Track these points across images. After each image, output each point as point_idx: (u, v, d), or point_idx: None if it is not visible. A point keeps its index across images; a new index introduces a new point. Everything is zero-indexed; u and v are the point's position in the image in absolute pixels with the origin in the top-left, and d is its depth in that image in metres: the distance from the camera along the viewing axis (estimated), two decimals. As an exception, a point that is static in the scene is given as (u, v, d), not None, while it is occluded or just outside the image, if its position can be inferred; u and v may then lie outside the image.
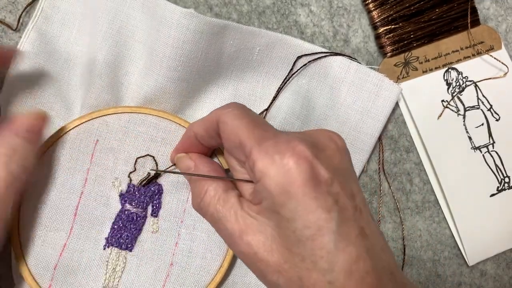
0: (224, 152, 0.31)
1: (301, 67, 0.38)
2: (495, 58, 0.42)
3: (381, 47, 0.41)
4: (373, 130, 0.39)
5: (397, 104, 0.42)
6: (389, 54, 0.41)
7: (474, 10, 0.42)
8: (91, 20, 0.35)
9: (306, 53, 0.37)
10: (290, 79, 0.38)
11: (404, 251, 0.42)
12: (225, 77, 0.37)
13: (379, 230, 0.26)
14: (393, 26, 0.40)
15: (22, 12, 0.35)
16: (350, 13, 0.40)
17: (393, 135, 0.42)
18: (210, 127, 0.29)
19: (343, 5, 0.40)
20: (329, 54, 0.38)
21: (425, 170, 0.42)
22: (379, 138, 0.41)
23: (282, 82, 0.38)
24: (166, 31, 0.33)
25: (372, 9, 0.40)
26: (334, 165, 0.25)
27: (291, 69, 0.37)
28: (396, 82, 0.41)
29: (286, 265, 0.24)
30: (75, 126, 0.33)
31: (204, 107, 0.37)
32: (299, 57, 0.37)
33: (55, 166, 0.33)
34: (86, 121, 0.33)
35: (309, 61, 0.38)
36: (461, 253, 0.43)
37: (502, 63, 0.42)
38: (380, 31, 0.40)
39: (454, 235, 0.42)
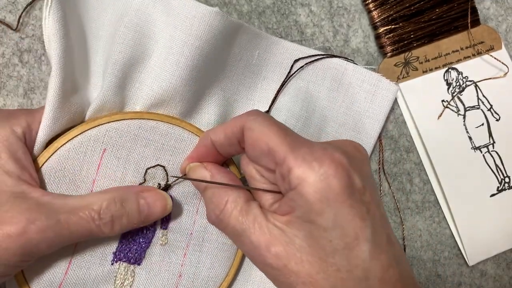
0: (242, 160, 0.30)
1: (298, 69, 0.38)
2: (495, 58, 0.42)
3: (381, 47, 0.41)
4: (372, 130, 0.39)
5: (397, 104, 0.42)
6: (389, 54, 0.41)
7: (474, 10, 0.42)
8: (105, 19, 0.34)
9: (303, 56, 0.37)
10: (288, 82, 0.38)
11: (404, 251, 0.42)
12: (227, 79, 0.36)
13: (396, 238, 0.27)
14: (393, 26, 0.40)
15: (22, 12, 0.35)
16: (350, 13, 0.40)
17: (393, 135, 0.42)
18: (232, 135, 0.28)
19: (343, 5, 0.40)
20: (326, 56, 0.38)
21: (425, 170, 0.42)
22: (379, 138, 0.41)
23: (281, 84, 0.37)
24: (186, 29, 0.32)
25: (372, 9, 0.40)
26: (364, 174, 0.26)
27: (289, 72, 0.37)
28: (396, 82, 0.41)
29: (319, 275, 0.24)
30: (80, 133, 0.30)
31: (210, 111, 0.35)
32: (296, 61, 0.37)
33: (58, 178, 0.30)
34: (92, 128, 0.31)
35: (306, 64, 0.38)
36: (461, 253, 0.43)
37: (502, 63, 0.42)
38: (380, 31, 0.40)
39: (454, 235, 0.42)
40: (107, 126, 0.31)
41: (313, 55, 0.38)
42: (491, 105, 0.42)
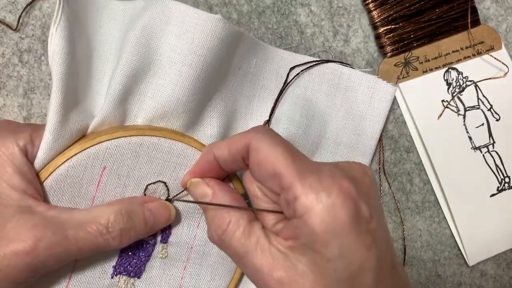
0: (245, 178, 0.29)
1: (294, 77, 0.38)
2: (495, 58, 0.42)
3: (381, 47, 0.41)
4: (372, 132, 0.39)
5: (397, 104, 0.42)
6: (389, 54, 0.41)
7: (474, 10, 0.42)
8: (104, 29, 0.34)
9: (298, 63, 0.37)
10: (286, 90, 0.38)
11: (405, 251, 0.42)
12: (228, 89, 0.36)
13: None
14: (393, 26, 0.40)
15: (22, 12, 0.35)
16: (350, 13, 0.40)
17: (393, 135, 0.42)
18: (236, 152, 0.27)
19: (343, 5, 0.40)
20: (321, 62, 0.38)
21: (425, 170, 0.42)
22: (379, 139, 0.41)
23: (279, 93, 0.37)
24: (188, 37, 0.31)
25: (372, 9, 0.40)
26: (371, 200, 0.25)
27: (286, 80, 0.37)
28: (396, 82, 0.41)
29: None
30: (79, 152, 0.30)
31: (213, 123, 0.34)
32: (291, 69, 0.37)
33: (57, 195, 0.30)
34: (91, 146, 0.30)
35: (302, 71, 0.38)
36: (461, 253, 0.43)
37: (502, 63, 0.42)
38: (380, 31, 0.40)
39: (454, 235, 0.42)
40: (107, 144, 0.30)
41: (308, 62, 0.38)
42: (491, 105, 0.42)
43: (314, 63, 0.38)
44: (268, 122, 0.37)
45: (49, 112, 0.29)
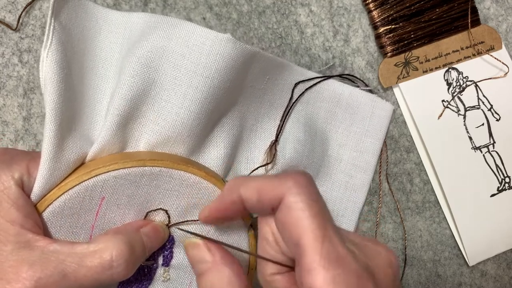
0: (261, 217, 0.26)
1: (300, 94, 0.37)
2: (495, 58, 0.42)
3: (381, 47, 0.41)
4: (374, 149, 0.39)
5: (397, 104, 0.42)
6: (389, 54, 0.41)
7: (474, 10, 0.41)
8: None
9: (302, 79, 0.37)
10: (293, 107, 0.37)
11: (405, 251, 0.42)
12: (235, 107, 0.34)
13: None
14: (393, 26, 0.40)
15: (22, 12, 0.35)
16: (350, 13, 0.40)
17: (394, 135, 0.42)
18: (267, 202, 0.24)
19: (343, 5, 0.40)
20: (325, 78, 0.38)
21: (425, 170, 0.42)
22: (384, 142, 0.41)
23: (284, 112, 0.36)
24: (194, 58, 0.29)
25: (373, 9, 0.40)
26: None
27: (291, 98, 0.37)
28: (396, 82, 0.41)
29: None
30: (76, 184, 0.28)
31: (219, 144, 0.33)
32: (296, 84, 0.37)
33: (55, 227, 0.28)
34: (89, 178, 0.28)
35: (307, 88, 0.37)
36: (461, 253, 0.42)
37: (503, 63, 0.42)
38: (381, 31, 0.40)
39: (455, 235, 0.42)
40: (104, 176, 0.28)
41: (312, 78, 0.37)
42: (492, 105, 0.42)
43: (319, 79, 0.38)
44: (275, 142, 0.36)
45: (44, 144, 0.28)
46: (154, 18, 0.31)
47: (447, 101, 0.42)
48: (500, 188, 0.42)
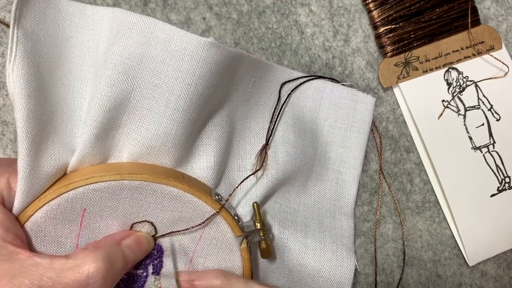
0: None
1: (288, 95, 0.37)
2: (495, 58, 0.42)
3: (381, 47, 0.41)
4: (359, 144, 0.39)
5: (397, 104, 0.42)
6: (389, 54, 0.41)
7: (475, 10, 0.41)
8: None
9: (287, 79, 0.37)
10: (282, 109, 0.37)
11: (405, 251, 0.42)
12: (221, 112, 0.33)
13: None
14: (393, 26, 0.40)
15: (21, 12, 0.35)
16: (350, 13, 0.40)
17: (394, 135, 0.42)
18: None
19: (343, 5, 0.40)
20: (311, 77, 0.38)
21: (425, 170, 0.42)
22: (380, 138, 0.41)
23: (273, 114, 0.36)
24: (175, 64, 0.28)
25: (373, 9, 0.40)
26: None
27: (279, 99, 0.37)
28: (396, 82, 0.41)
29: None
30: (56, 197, 0.27)
31: (209, 153, 0.32)
32: (282, 85, 0.37)
33: (40, 238, 0.28)
34: (67, 191, 0.28)
35: (293, 89, 0.37)
36: (461, 253, 0.42)
37: (503, 63, 0.42)
38: (381, 31, 0.40)
39: (455, 235, 0.42)
40: (83, 189, 0.28)
41: (297, 78, 0.38)
42: (492, 105, 0.42)
43: (305, 79, 0.38)
44: (266, 146, 0.36)
45: (18, 162, 0.27)
46: (130, 17, 0.29)
47: (447, 101, 0.42)
48: (500, 188, 0.42)
